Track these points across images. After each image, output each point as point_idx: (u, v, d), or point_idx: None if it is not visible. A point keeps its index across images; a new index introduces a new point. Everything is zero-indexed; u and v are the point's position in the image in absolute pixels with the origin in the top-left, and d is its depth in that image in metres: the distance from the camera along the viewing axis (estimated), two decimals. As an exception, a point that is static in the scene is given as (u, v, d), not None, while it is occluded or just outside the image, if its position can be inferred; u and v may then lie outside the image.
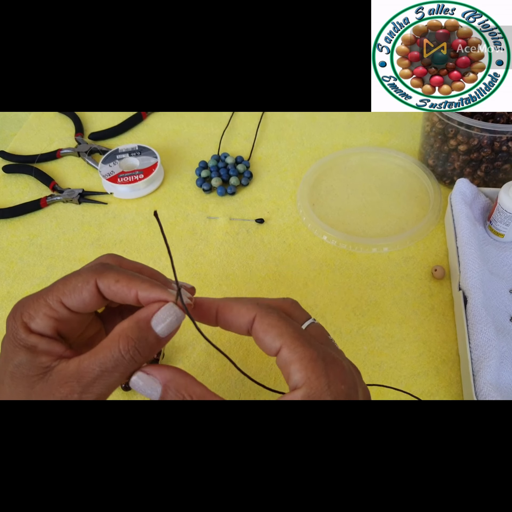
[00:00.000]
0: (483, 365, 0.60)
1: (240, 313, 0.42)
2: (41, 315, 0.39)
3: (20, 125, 1.04)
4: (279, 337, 0.39)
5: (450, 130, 0.78)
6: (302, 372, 0.37)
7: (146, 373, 0.39)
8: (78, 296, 0.40)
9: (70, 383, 0.37)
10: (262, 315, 0.41)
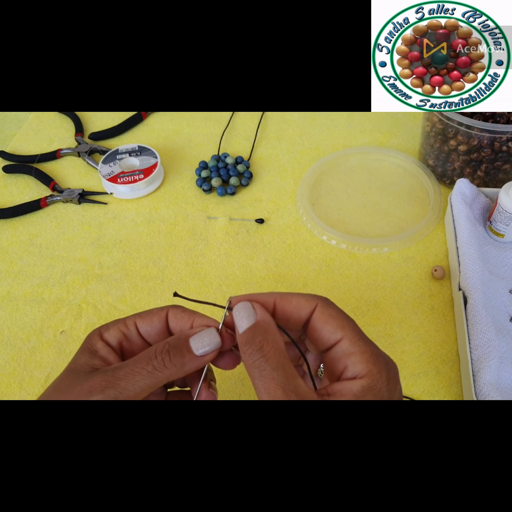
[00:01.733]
0: (483, 365, 0.60)
1: (300, 305, 0.42)
2: (115, 328, 0.44)
3: (20, 125, 1.04)
4: (341, 329, 0.40)
5: (450, 130, 0.78)
6: (364, 364, 0.38)
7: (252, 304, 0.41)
8: (150, 319, 0.45)
9: (106, 373, 0.40)
10: (323, 306, 0.42)
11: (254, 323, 0.39)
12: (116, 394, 0.39)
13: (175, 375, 0.41)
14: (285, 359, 0.38)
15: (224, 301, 0.73)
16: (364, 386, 0.37)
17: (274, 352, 0.38)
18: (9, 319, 0.73)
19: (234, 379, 0.66)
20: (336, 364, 0.40)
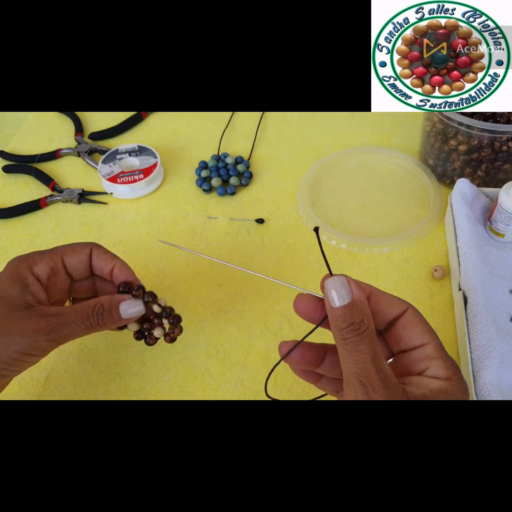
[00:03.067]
0: (483, 365, 0.60)
1: (393, 302, 0.43)
2: (44, 263, 0.51)
3: (20, 125, 1.04)
4: (429, 334, 0.42)
5: (450, 130, 0.78)
6: (446, 370, 0.41)
7: (348, 280, 0.42)
8: (77, 256, 0.53)
9: (49, 318, 0.47)
10: (415, 310, 0.43)
11: (352, 301, 0.40)
12: (58, 338, 0.47)
13: (106, 329, 0.51)
14: (376, 340, 0.40)
15: (224, 300, 0.73)
16: (443, 387, 0.40)
17: (368, 332, 0.39)
18: (9, 319, 0.73)
19: (234, 380, 0.66)
20: (417, 364, 0.42)
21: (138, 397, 0.64)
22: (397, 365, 0.43)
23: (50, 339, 0.46)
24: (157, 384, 0.66)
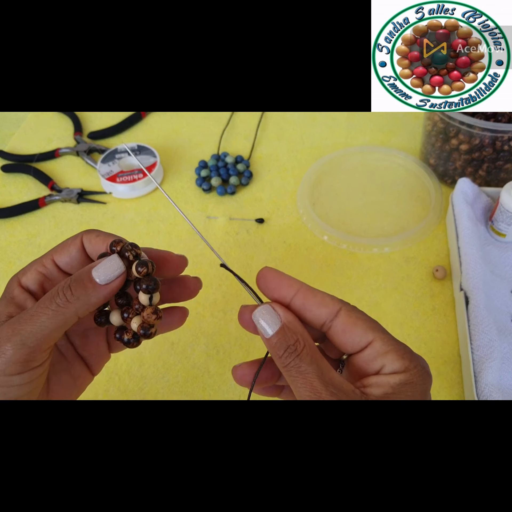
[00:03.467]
0: (484, 366, 0.60)
1: (324, 302, 0.40)
2: (32, 270, 0.43)
3: (18, 125, 1.04)
4: (371, 331, 0.39)
5: (451, 129, 0.77)
6: (401, 361, 0.38)
7: (271, 306, 0.40)
8: (67, 251, 0.43)
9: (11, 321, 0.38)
10: (349, 309, 0.40)
11: (281, 326, 0.39)
12: (23, 340, 0.37)
13: (83, 308, 0.39)
14: (317, 354, 0.39)
15: (224, 301, 0.73)
16: (402, 379, 0.38)
17: (307, 349, 0.38)
18: (7, 320, 0.73)
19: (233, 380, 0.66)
20: (370, 364, 0.40)
21: (137, 398, 0.64)
22: (352, 367, 0.41)
23: (13, 345, 0.37)
24: (156, 384, 0.66)
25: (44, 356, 0.39)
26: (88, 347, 0.47)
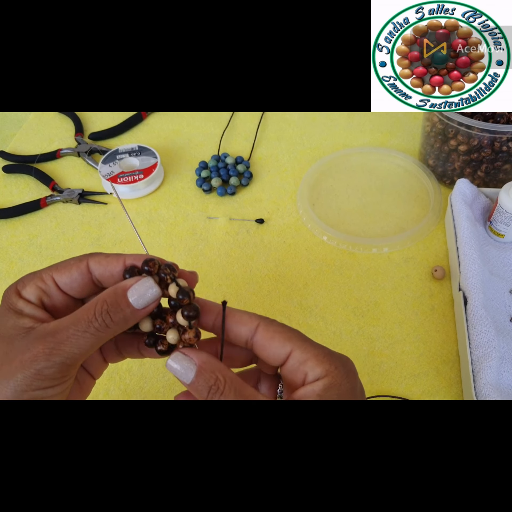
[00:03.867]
0: (483, 365, 0.60)
1: (242, 320, 0.42)
2: (32, 284, 0.42)
3: (20, 125, 1.04)
4: (288, 341, 0.40)
5: (450, 130, 0.78)
6: (321, 366, 0.39)
7: (183, 353, 0.40)
8: (68, 273, 0.42)
9: (46, 339, 0.38)
10: (267, 323, 0.41)
11: (198, 369, 0.39)
12: (63, 360, 0.38)
13: (120, 331, 0.40)
14: (239, 383, 0.39)
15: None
16: (326, 384, 0.38)
17: (228, 384, 0.38)
18: (9, 319, 0.73)
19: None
20: (295, 375, 0.40)
21: (138, 397, 0.64)
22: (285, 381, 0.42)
23: (52, 365, 0.37)
24: (157, 383, 0.66)
25: (76, 369, 0.40)
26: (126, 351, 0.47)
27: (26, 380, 0.37)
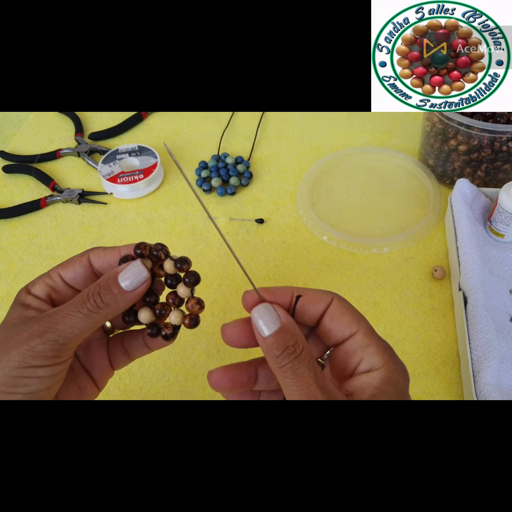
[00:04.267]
0: (483, 365, 0.60)
1: (317, 298, 0.42)
2: (41, 282, 0.45)
3: (20, 125, 1.04)
4: (357, 322, 0.40)
5: (450, 130, 0.78)
6: (380, 356, 0.39)
7: (274, 307, 0.40)
8: (72, 267, 0.45)
9: (42, 319, 0.41)
10: (340, 300, 0.42)
11: (281, 326, 0.39)
12: (56, 338, 0.39)
13: (112, 313, 0.42)
14: (314, 359, 0.38)
15: (224, 301, 0.73)
16: (383, 378, 0.38)
17: (305, 353, 0.38)
18: (9, 319, 0.73)
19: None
20: (351, 357, 0.40)
21: (137, 397, 0.64)
22: (333, 362, 0.42)
23: (44, 341, 0.39)
24: (156, 384, 0.66)
25: (69, 353, 0.41)
26: (91, 359, 0.48)
27: (18, 356, 0.39)
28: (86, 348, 0.48)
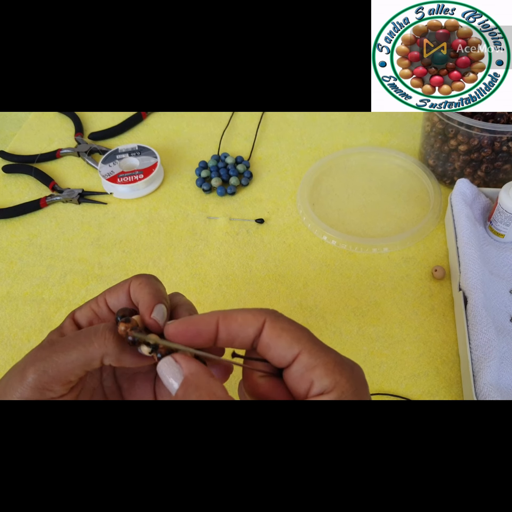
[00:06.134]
0: (483, 365, 0.60)
1: (247, 321, 0.38)
2: (87, 306, 0.45)
3: (20, 125, 1.04)
4: (297, 342, 0.36)
5: (450, 130, 0.77)
6: (330, 377, 0.35)
7: (174, 359, 0.37)
8: (116, 294, 0.44)
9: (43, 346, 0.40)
10: (273, 319, 0.37)
11: (183, 380, 0.36)
12: (46, 367, 0.37)
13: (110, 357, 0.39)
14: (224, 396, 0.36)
15: (224, 301, 0.73)
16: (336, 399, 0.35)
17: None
18: (8, 319, 0.73)
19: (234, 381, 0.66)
20: (300, 382, 0.37)
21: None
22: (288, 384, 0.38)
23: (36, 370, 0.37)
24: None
25: (62, 390, 0.39)
26: (135, 391, 0.47)
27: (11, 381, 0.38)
28: (132, 381, 0.47)
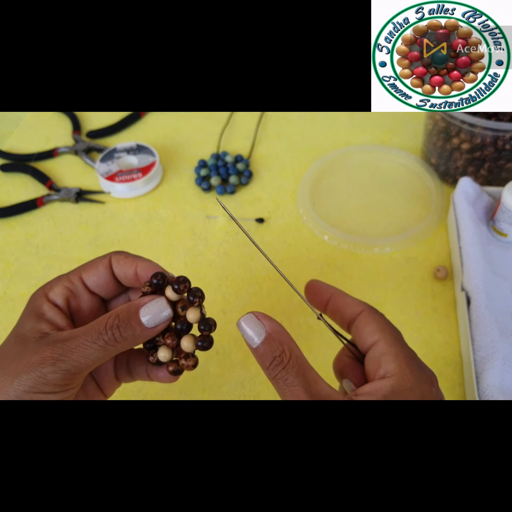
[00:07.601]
0: (486, 366, 0.60)
1: (351, 304, 0.44)
2: (59, 285, 0.44)
3: (17, 124, 1.03)
4: (379, 331, 0.41)
5: (452, 128, 0.77)
6: (396, 363, 0.39)
7: (256, 317, 0.40)
8: (95, 269, 0.44)
9: (55, 345, 0.39)
10: (370, 310, 0.43)
11: (266, 336, 0.39)
12: (68, 367, 0.39)
13: (128, 347, 0.41)
14: (304, 364, 0.39)
15: (224, 301, 0.73)
16: (394, 386, 0.38)
17: (293, 361, 0.38)
18: (5, 320, 0.73)
19: (234, 381, 0.65)
20: (372, 363, 0.41)
21: (136, 399, 0.64)
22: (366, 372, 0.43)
23: (57, 370, 0.38)
24: (155, 385, 0.65)
25: (81, 380, 0.41)
26: (98, 369, 0.47)
27: (30, 382, 0.38)
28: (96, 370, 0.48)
